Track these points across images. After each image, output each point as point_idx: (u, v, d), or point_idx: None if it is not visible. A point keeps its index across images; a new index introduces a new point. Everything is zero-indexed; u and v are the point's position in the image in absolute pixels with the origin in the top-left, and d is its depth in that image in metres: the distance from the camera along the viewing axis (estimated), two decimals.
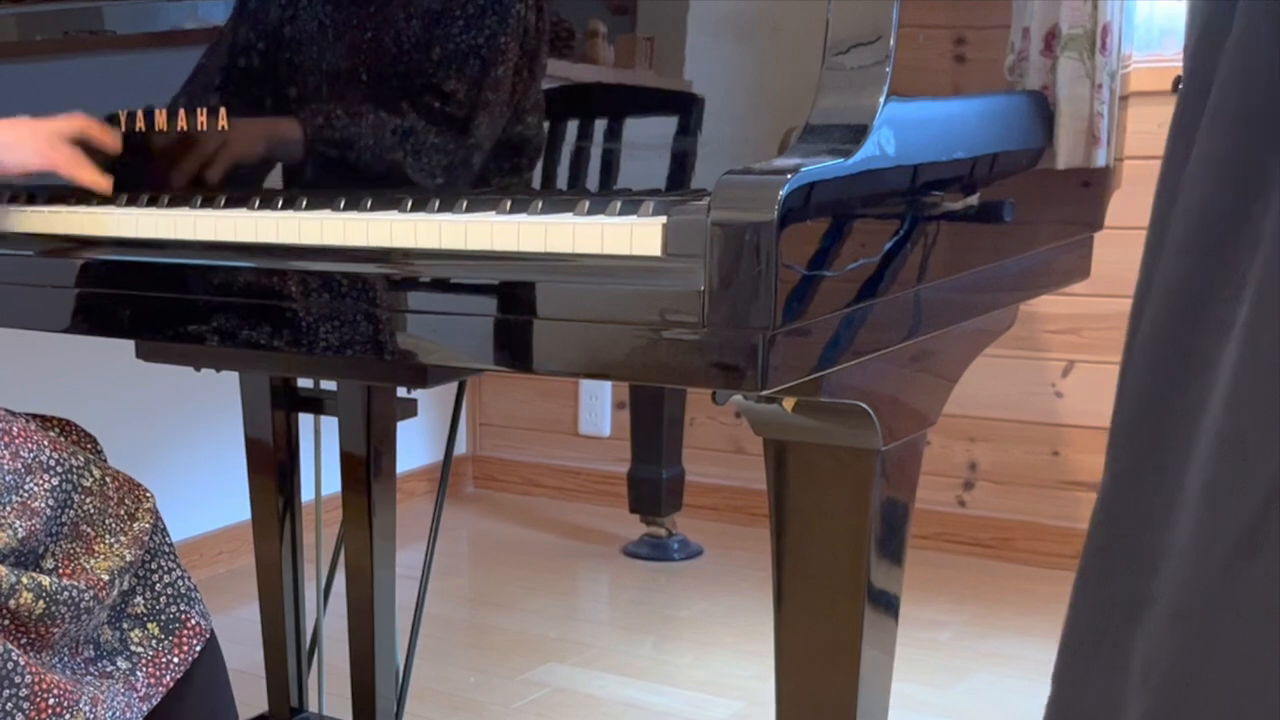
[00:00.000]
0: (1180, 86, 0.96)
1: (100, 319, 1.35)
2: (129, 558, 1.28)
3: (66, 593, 1.21)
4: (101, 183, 1.37)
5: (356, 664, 1.73)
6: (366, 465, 1.68)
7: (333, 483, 1.73)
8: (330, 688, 1.87)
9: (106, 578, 1.26)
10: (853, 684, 1.21)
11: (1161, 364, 0.93)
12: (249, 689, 1.71)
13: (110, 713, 1.23)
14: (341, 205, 1.24)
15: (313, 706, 1.84)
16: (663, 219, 0.98)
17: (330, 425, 1.73)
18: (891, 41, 1.04)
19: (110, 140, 1.41)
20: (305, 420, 1.77)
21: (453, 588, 2.72)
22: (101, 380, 2.43)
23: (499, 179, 1.23)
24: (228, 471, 2.29)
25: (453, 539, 3.08)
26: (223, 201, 1.33)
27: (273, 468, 1.74)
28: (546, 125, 1.22)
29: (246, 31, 1.37)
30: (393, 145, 1.27)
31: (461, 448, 3.46)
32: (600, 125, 1.21)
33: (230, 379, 1.75)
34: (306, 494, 1.78)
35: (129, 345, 1.53)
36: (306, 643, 1.81)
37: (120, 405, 2.48)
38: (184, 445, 2.69)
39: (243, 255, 1.21)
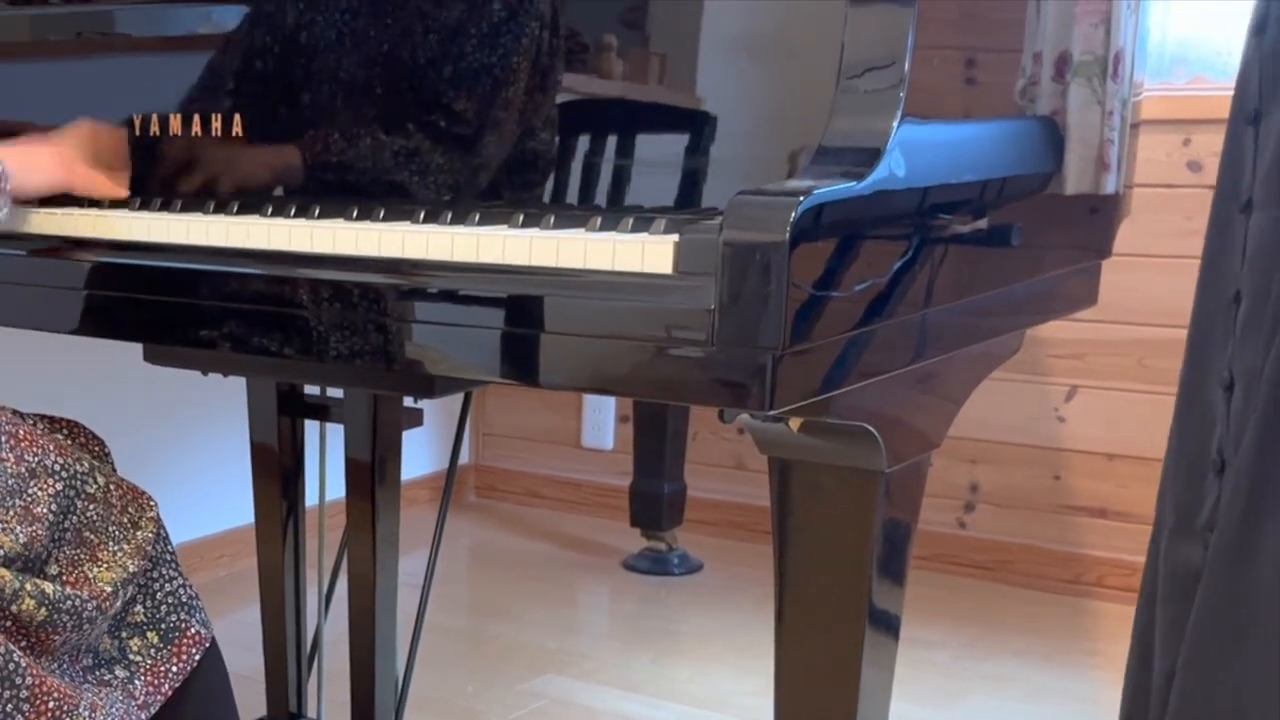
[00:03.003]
0: None
1: (108, 322, 1.35)
2: (132, 568, 1.28)
3: (69, 602, 1.21)
4: (118, 193, 1.39)
5: (356, 670, 1.73)
6: (371, 473, 1.68)
7: (337, 488, 1.73)
8: (329, 694, 1.87)
9: (110, 589, 1.26)
10: (852, 703, 1.22)
11: None
12: (248, 693, 1.71)
13: (109, 719, 1.23)
14: (354, 215, 1.24)
15: (311, 712, 1.84)
16: (675, 237, 0.99)
17: (335, 432, 1.73)
18: (906, 66, 1.04)
19: (119, 138, 1.42)
20: (310, 426, 1.78)
21: (453, 596, 2.72)
22: (109, 382, 2.44)
23: (511, 193, 1.24)
24: (231, 475, 2.30)
25: (454, 548, 3.08)
26: (235, 207, 1.33)
27: (277, 473, 1.74)
28: (559, 140, 1.22)
29: (262, 39, 1.37)
30: (405, 158, 1.28)
31: (464, 457, 3.46)
32: (612, 141, 1.21)
33: (237, 384, 1.75)
34: (310, 499, 1.78)
35: (137, 348, 1.53)
36: (307, 648, 1.81)
37: (126, 407, 2.49)
38: (188, 448, 2.69)
39: (254, 262, 1.21)
